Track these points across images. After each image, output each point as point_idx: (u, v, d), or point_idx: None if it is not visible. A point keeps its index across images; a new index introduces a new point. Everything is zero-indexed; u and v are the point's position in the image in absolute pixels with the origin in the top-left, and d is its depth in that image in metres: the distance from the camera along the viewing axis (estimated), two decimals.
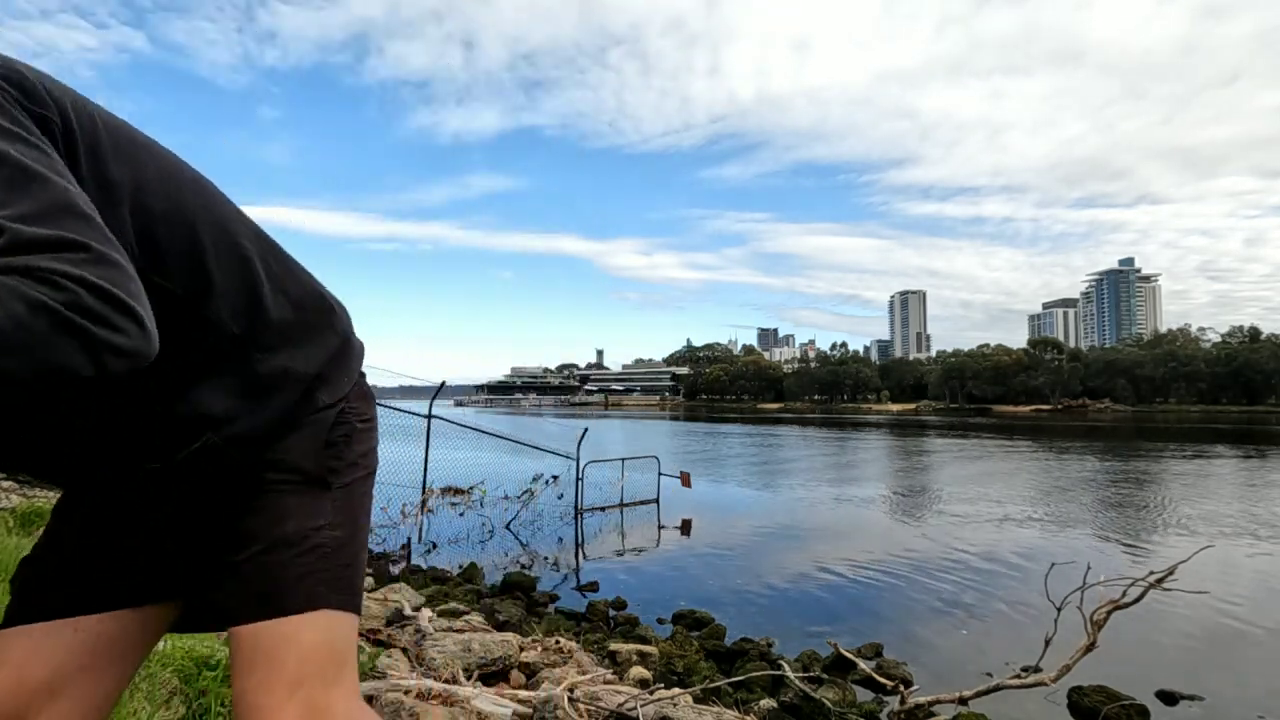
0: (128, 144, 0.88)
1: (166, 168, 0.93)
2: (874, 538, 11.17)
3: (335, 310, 1.12)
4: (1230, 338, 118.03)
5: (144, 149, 0.91)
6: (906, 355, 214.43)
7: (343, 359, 1.10)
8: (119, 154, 0.85)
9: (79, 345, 0.64)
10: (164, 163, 0.93)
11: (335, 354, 1.08)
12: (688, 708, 3.40)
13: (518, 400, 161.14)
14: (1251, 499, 15.12)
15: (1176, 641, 6.44)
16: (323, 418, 1.05)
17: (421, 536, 10.95)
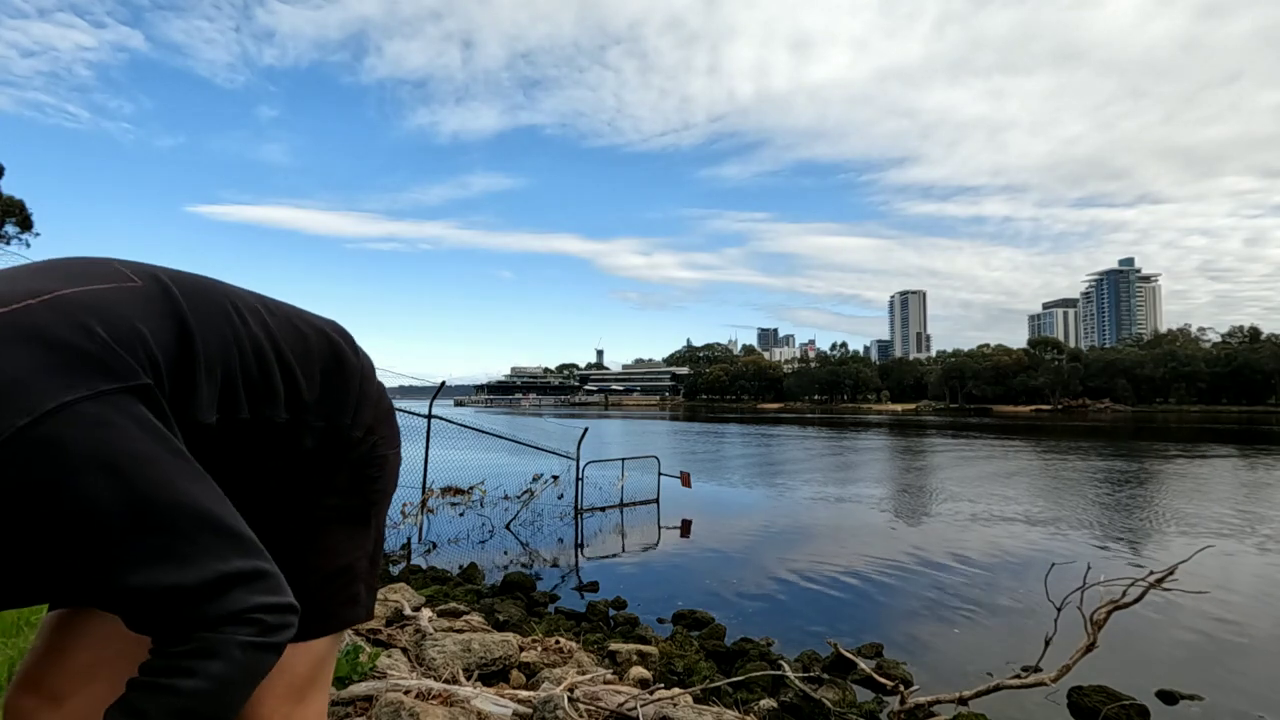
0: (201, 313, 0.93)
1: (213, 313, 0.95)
2: (874, 537, 11.17)
3: (343, 347, 1.13)
4: (1230, 338, 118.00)
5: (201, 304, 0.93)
6: (906, 355, 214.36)
7: (364, 392, 1.14)
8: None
9: (275, 657, 0.79)
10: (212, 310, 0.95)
11: (359, 393, 1.13)
12: (688, 708, 3.40)
13: (518, 400, 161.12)
14: (1251, 499, 15.12)
15: (1176, 641, 6.44)
16: (360, 454, 1.12)
17: (421, 536, 10.95)
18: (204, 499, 0.77)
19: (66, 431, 0.68)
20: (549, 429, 16.22)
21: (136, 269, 0.90)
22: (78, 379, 0.71)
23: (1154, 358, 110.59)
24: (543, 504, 12.63)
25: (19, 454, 0.66)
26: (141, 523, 0.71)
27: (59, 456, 0.67)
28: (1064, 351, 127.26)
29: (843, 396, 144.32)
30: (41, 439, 0.67)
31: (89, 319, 0.76)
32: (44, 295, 0.75)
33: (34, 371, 0.69)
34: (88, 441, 0.69)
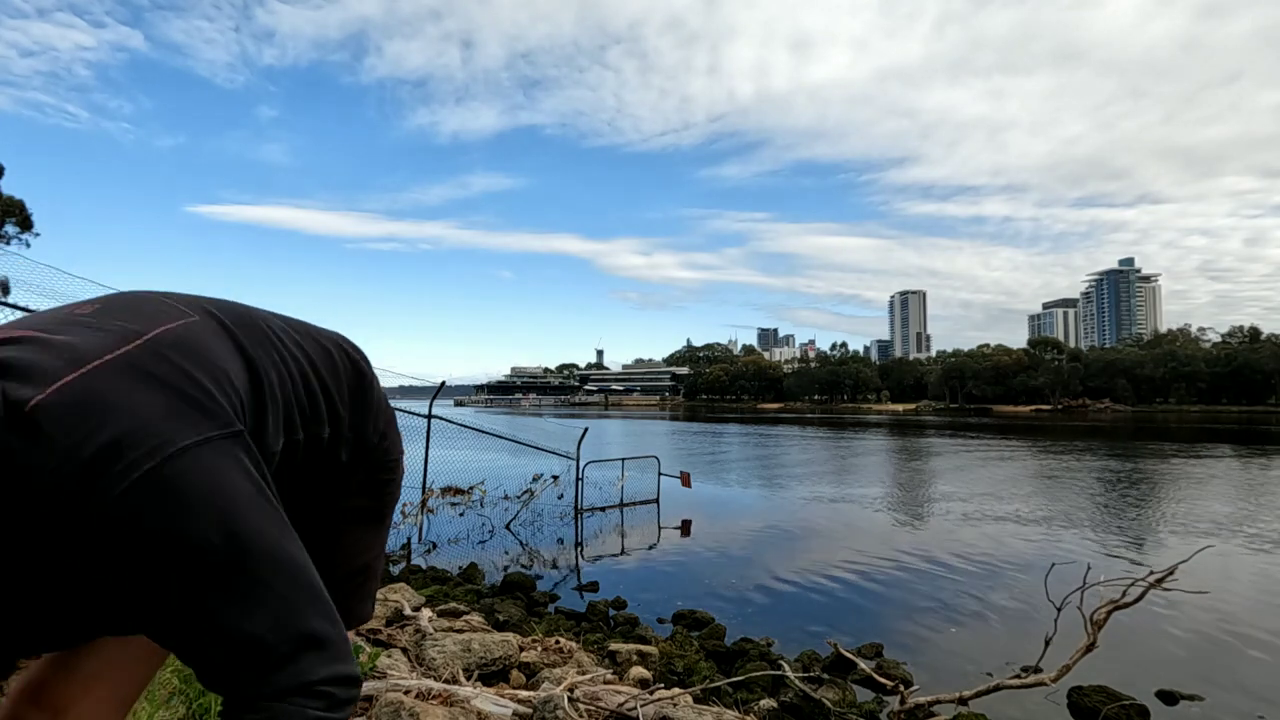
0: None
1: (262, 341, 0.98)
2: (874, 538, 11.17)
3: (360, 360, 1.17)
4: (1230, 338, 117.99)
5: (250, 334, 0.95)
6: (906, 355, 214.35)
7: (378, 401, 1.19)
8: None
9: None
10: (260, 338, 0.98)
11: (375, 402, 1.17)
12: (688, 708, 3.40)
13: (518, 400, 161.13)
14: (1251, 499, 15.12)
15: (1176, 641, 6.44)
16: (376, 459, 1.17)
17: (421, 536, 10.96)
18: (297, 554, 0.79)
19: (184, 476, 0.70)
20: (549, 429, 16.21)
21: (185, 302, 0.91)
22: (188, 424, 0.73)
23: (1154, 358, 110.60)
24: (543, 504, 12.63)
25: (143, 495, 0.68)
26: (241, 571, 0.73)
27: (178, 499, 0.70)
28: (1064, 351, 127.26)
29: (843, 396, 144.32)
30: (163, 482, 0.69)
31: (185, 362, 0.78)
32: (138, 338, 0.77)
33: (154, 416, 0.71)
34: (202, 486, 0.71)
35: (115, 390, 0.70)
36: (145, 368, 0.74)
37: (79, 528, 0.66)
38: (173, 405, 0.73)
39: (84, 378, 0.70)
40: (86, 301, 0.87)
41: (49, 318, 0.80)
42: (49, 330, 0.75)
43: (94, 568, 0.68)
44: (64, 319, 0.79)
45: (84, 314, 0.81)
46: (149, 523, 0.68)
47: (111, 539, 0.67)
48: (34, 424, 0.66)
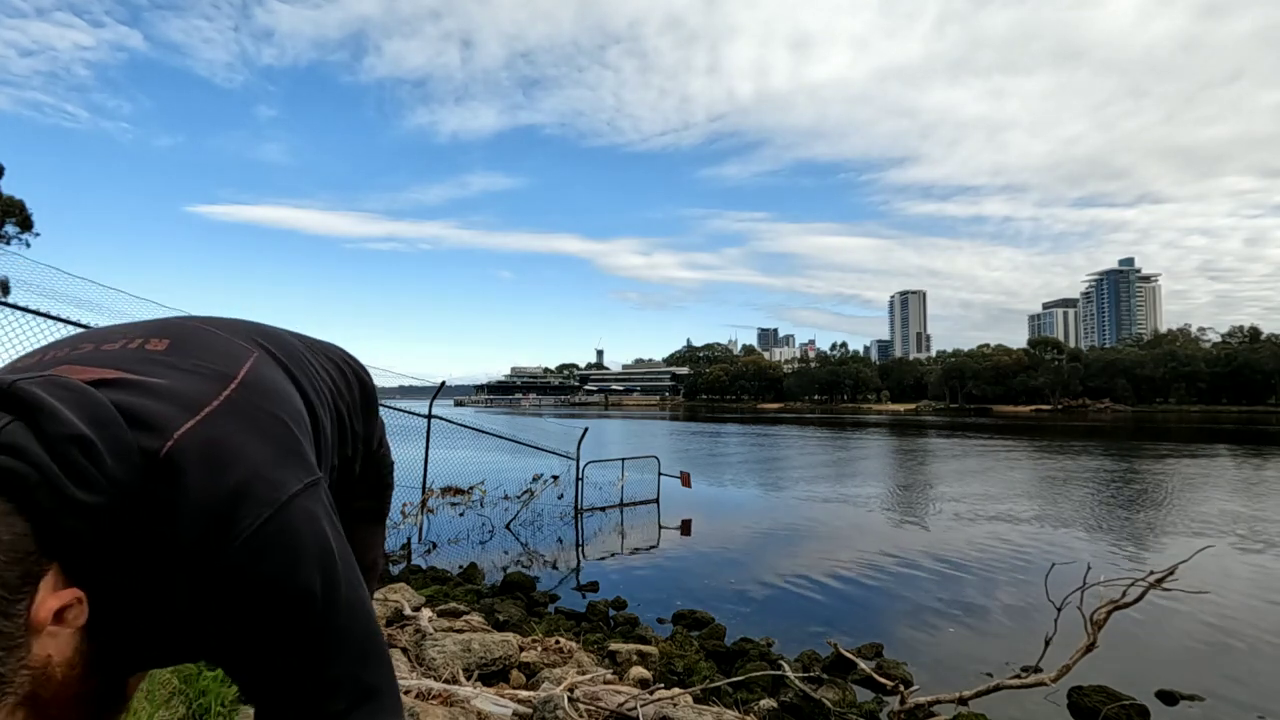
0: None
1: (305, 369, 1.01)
2: (874, 538, 11.17)
3: (365, 373, 1.23)
4: (1230, 338, 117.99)
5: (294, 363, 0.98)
6: (906, 355, 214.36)
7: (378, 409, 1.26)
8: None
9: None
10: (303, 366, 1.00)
11: (378, 415, 1.24)
12: (688, 708, 3.40)
13: (518, 400, 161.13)
14: (1252, 499, 15.12)
15: (1176, 641, 6.44)
16: (376, 460, 1.24)
17: (421, 536, 10.96)
18: (369, 603, 0.83)
19: (293, 524, 0.73)
20: (549, 429, 16.21)
21: (236, 333, 0.93)
22: (291, 473, 0.75)
23: (1154, 358, 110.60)
24: (543, 504, 12.63)
25: (263, 542, 0.70)
26: (333, 618, 0.76)
27: (289, 547, 0.72)
28: (1064, 351, 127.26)
29: (843, 396, 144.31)
30: (278, 530, 0.71)
31: (274, 407, 0.81)
32: (231, 381, 0.80)
33: (266, 464, 0.73)
34: (307, 535, 0.74)
35: (230, 438, 0.73)
36: (248, 414, 0.77)
37: (204, 569, 0.69)
38: (277, 453, 0.76)
39: (201, 425, 0.72)
40: (143, 329, 0.88)
41: (128, 356, 0.80)
42: (136, 371, 0.77)
43: (207, 604, 0.71)
44: (142, 357, 0.80)
45: (159, 351, 0.82)
46: (264, 568, 0.70)
47: (228, 581, 0.70)
48: (168, 470, 0.68)
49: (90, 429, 0.66)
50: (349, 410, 1.08)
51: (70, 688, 0.66)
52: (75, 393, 0.69)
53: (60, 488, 0.62)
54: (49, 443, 0.63)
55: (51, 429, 0.64)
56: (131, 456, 0.67)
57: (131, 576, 0.69)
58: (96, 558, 0.66)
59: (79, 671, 0.67)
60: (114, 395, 0.71)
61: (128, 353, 0.81)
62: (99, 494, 0.64)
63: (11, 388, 0.65)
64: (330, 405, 0.99)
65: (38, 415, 0.64)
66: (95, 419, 0.67)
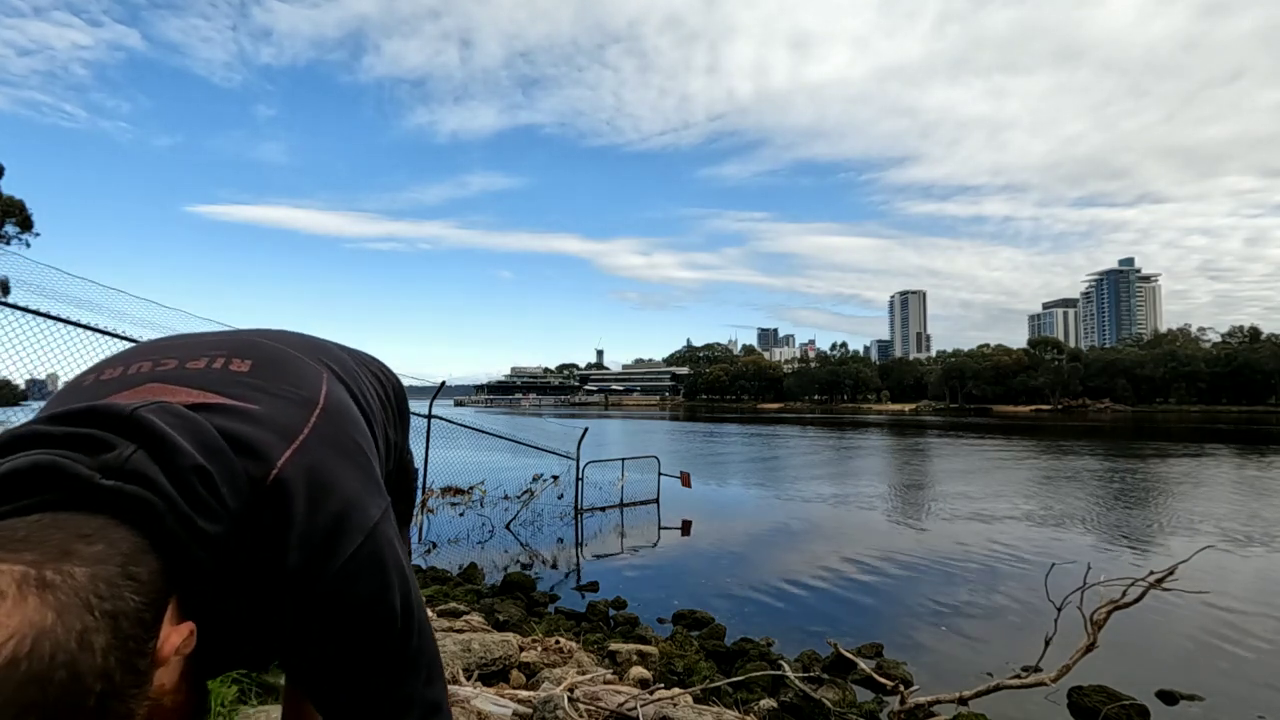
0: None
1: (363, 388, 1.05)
2: (874, 537, 11.17)
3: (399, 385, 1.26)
4: (1230, 338, 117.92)
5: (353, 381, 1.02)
6: (906, 355, 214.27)
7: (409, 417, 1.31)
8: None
9: None
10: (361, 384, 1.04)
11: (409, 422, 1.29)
12: (688, 708, 3.40)
13: (518, 400, 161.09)
14: (1252, 499, 15.12)
15: (1176, 641, 6.44)
16: (403, 465, 1.26)
17: (421, 536, 10.95)
18: (429, 624, 0.87)
19: (380, 548, 0.76)
20: (549, 429, 16.21)
21: (305, 351, 0.96)
22: (373, 498, 0.79)
23: (1154, 358, 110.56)
24: (543, 504, 12.63)
25: (358, 566, 0.73)
26: (411, 637, 0.81)
27: (379, 570, 0.76)
28: (1064, 351, 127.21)
29: (843, 396, 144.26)
30: (371, 554, 0.75)
31: (354, 431, 0.84)
32: (316, 406, 0.82)
33: (357, 490, 0.77)
34: (391, 558, 0.78)
35: (327, 466, 0.76)
36: (335, 440, 0.80)
37: (303, 592, 0.71)
38: (362, 479, 0.79)
39: (300, 453, 0.75)
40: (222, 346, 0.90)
41: (216, 377, 0.82)
42: (229, 395, 0.79)
43: (302, 625, 0.73)
44: (230, 379, 0.82)
45: (243, 373, 0.84)
46: (359, 591, 0.74)
47: (325, 604, 0.72)
48: (275, 497, 0.70)
49: (205, 458, 0.67)
50: (390, 422, 1.12)
51: (176, 711, 0.68)
52: (186, 420, 0.70)
53: (188, 520, 0.63)
54: (173, 474, 0.64)
55: (175, 460, 0.65)
56: (240, 484, 0.69)
57: (236, 601, 0.71)
58: (209, 589, 0.68)
59: (183, 696, 0.68)
60: (217, 420, 0.73)
61: (214, 373, 0.83)
62: (219, 524, 0.66)
63: (133, 415, 0.66)
64: (380, 420, 1.03)
65: (160, 445, 0.65)
66: (207, 447, 0.69)
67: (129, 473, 0.62)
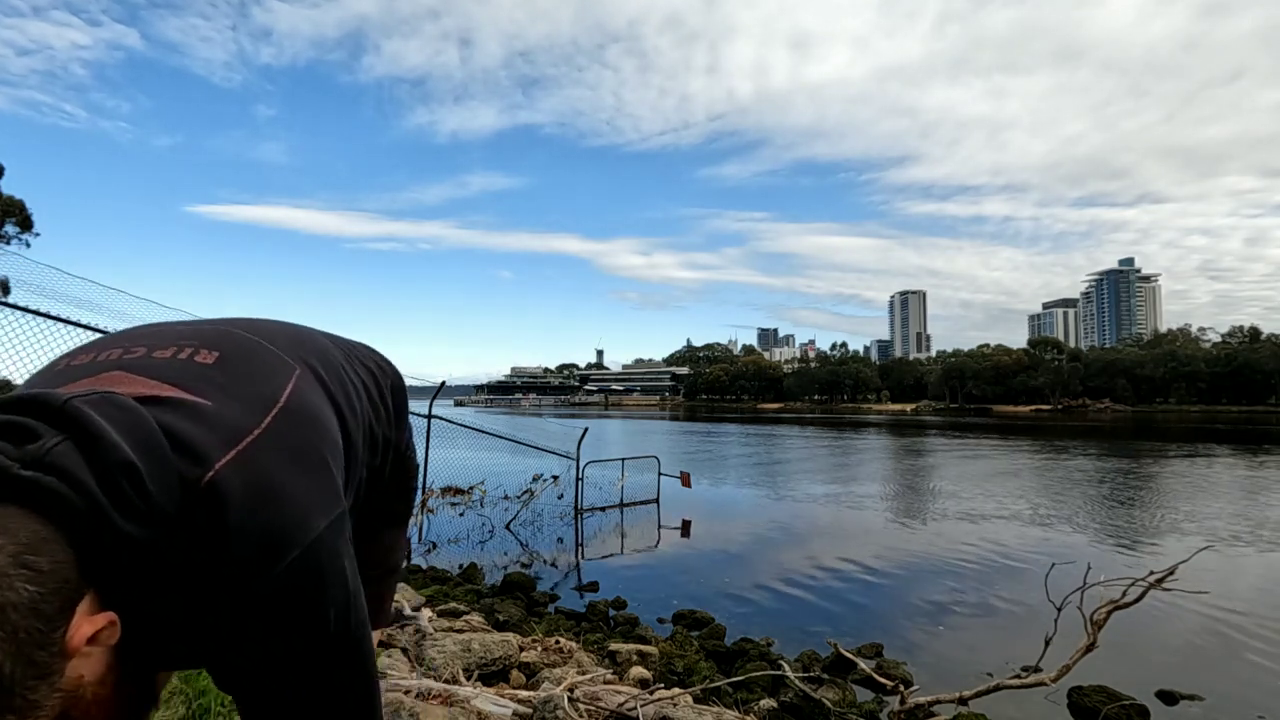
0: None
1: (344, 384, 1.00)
2: (874, 538, 11.17)
3: (400, 378, 1.22)
4: (1230, 338, 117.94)
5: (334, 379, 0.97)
6: (906, 355, 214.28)
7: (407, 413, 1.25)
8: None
9: None
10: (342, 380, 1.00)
11: (408, 419, 1.24)
12: (688, 708, 3.40)
13: (518, 400, 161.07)
14: (1251, 499, 15.12)
15: (1176, 641, 6.44)
16: (404, 464, 1.23)
17: (421, 536, 10.96)
18: (372, 642, 0.84)
19: (320, 559, 0.74)
20: (549, 429, 16.21)
21: (281, 344, 0.92)
22: (322, 508, 0.76)
23: (1154, 358, 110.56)
24: (543, 504, 12.63)
25: (294, 576, 0.71)
26: (346, 654, 0.78)
27: (317, 582, 0.73)
28: (1064, 351, 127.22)
29: (843, 396, 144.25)
30: (309, 565, 0.73)
31: (313, 436, 0.81)
32: (274, 407, 0.79)
33: (302, 498, 0.74)
34: (331, 570, 0.75)
35: (268, 473, 0.73)
36: (286, 445, 0.77)
37: (232, 597, 0.70)
38: (314, 487, 0.76)
39: (241, 456, 0.72)
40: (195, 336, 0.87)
41: (178, 368, 0.80)
42: (186, 388, 0.76)
43: (230, 628, 0.72)
44: (192, 371, 0.80)
45: (208, 365, 0.82)
46: (290, 603, 0.72)
47: (254, 611, 0.71)
48: (208, 501, 0.68)
49: (138, 456, 0.65)
50: (384, 419, 1.08)
51: (102, 704, 0.67)
52: (128, 414, 0.69)
53: (107, 519, 0.62)
54: (99, 469, 0.63)
55: (102, 455, 0.63)
56: (172, 485, 0.67)
57: (163, 600, 0.69)
58: (133, 584, 0.66)
59: (109, 689, 0.67)
60: (163, 416, 0.71)
61: (178, 364, 0.81)
62: (142, 523, 0.64)
63: (65, 406, 0.65)
64: (364, 418, 0.99)
65: (88, 438, 0.64)
66: (142, 444, 0.67)
67: (48, 464, 0.61)
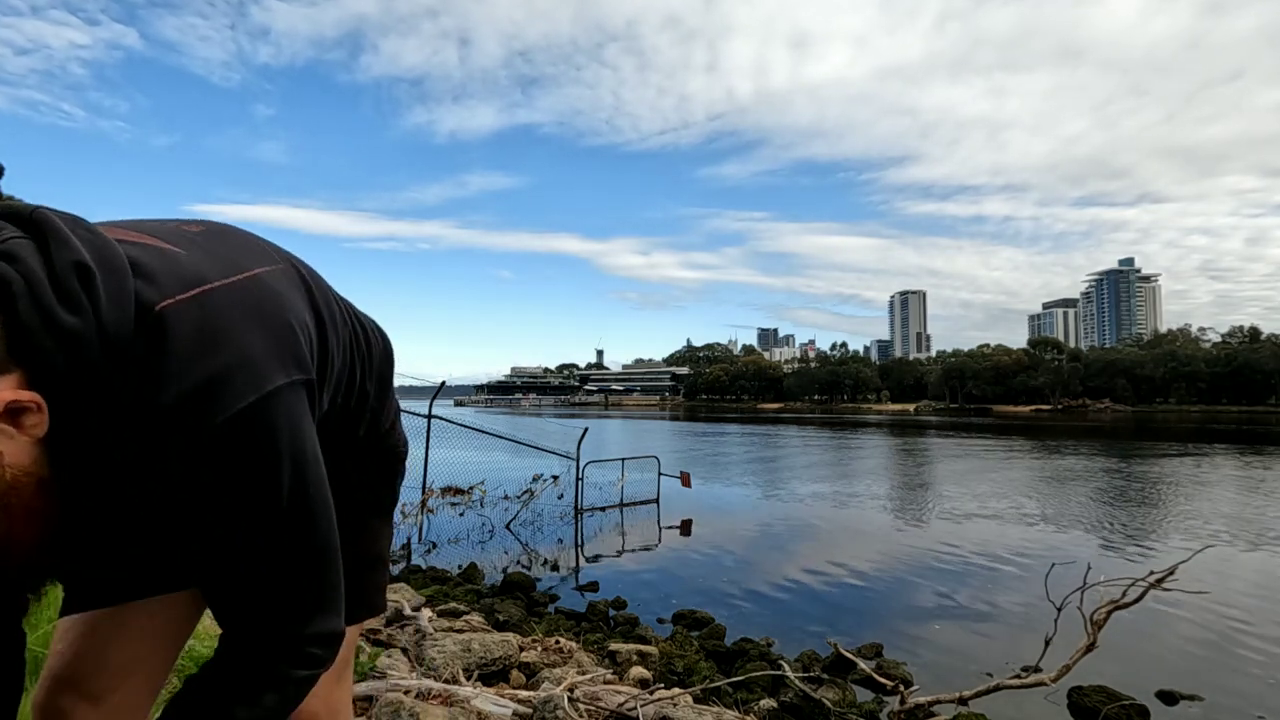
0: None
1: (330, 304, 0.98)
2: (874, 538, 11.17)
3: (388, 344, 1.18)
4: (1230, 338, 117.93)
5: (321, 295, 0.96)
6: (906, 355, 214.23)
7: (393, 389, 1.21)
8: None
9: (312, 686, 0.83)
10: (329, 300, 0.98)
11: (393, 392, 1.19)
12: (688, 708, 3.40)
13: (518, 400, 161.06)
14: (1251, 499, 15.12)
15: (1176, 641, 6.44)
16: (388, 447, 1.20)
17: (421, 536, 10.96)
18: (332, 512, 0.82)
19: (275, 415, 0.72)
20: (549, 429, 16.22)
21: (274, 248, 0.92)
22: (281, 365, 0.75)
23: (1154, 358, 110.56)
24: (543, 504, 12.63)
25: (241, 427, 0.69)
26: (301, 515, 0.77)
27: (268, 436, 0.71)
28: (1064, 351, 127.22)
29: (843, 396, 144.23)
30: (259, 418, 0.71)
31: (279, 307, 0.79)
32: (246, 272, 0.78)
33: (258, 351, 0.72)
34: (286, 429, 0.73)
35: (227, 318, 0.72)
36: (252, 302, 0.75)
37: (177, 440, 0.68)
38: (273, 344, 0.74)
39: (201, 298, 0.71)
40: (193, 220, 0.88)
41: (162, 228, 0.81)
42: (164, 240, 0.76)
43: (174, 477, 0.70)
44: (176, 232, 0.80)
45: (193, 231, 0.83)
46: (240, 454, 0.70)
47: (199, 458, 0.69)
48: (158, 329, 0.67)
49: (96, 266, 0.65)
50: (363, 368, 1.05)
51: (23, 496, 0.65)
52: (96, 236, 0.69)
53: (45, 304, 0.62)
54: (49, 264, 0.63)
55: (55, 252, 0.64)
56: (125, 302, 0.66)
57: (103, 427, 0.68)
58: (66, 391, 0.64)
59: (32, 486, 0.65)
60: (131, 250, 0.71)
61: (164, 226, 0.81)
62: (84, 321, 0.63)
63: (34, 213, 0.67)
64: (345, 348, 0.97)
65: (45, 237, 0.65)
66: (103, 259, 0.67)
67: (2, 251, 0.62)
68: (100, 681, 0.99)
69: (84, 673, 0.99)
